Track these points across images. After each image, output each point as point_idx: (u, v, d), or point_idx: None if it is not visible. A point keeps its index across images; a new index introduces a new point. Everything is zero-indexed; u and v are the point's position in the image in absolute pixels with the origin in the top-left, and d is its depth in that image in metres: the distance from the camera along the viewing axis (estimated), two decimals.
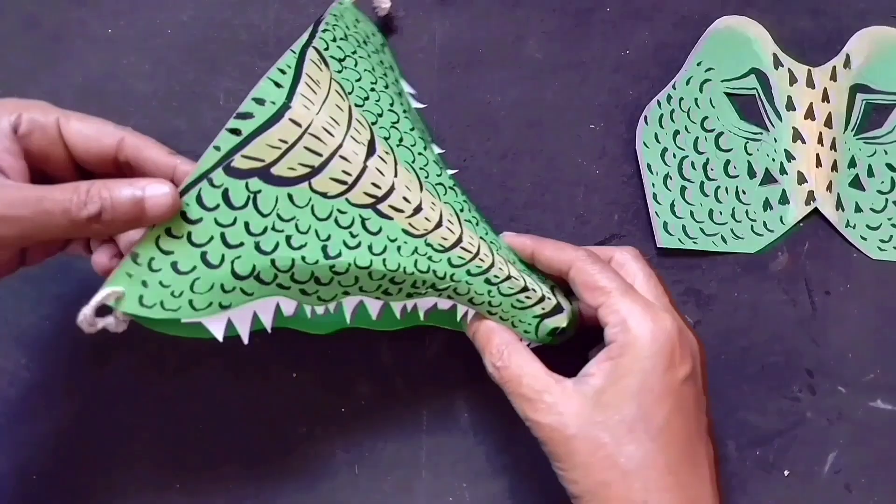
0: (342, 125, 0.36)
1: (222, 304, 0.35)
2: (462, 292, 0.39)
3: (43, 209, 0.31)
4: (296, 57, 0.37)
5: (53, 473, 0.45)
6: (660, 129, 0.48)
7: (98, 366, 0.45)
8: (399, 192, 0.37)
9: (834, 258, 0.48)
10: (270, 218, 0.35)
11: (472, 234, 0.39)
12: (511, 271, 0.39)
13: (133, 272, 0.34)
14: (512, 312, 0.40)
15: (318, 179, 0.35)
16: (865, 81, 0.49)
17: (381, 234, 0.37)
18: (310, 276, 0.36)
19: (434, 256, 0.38)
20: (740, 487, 0.46)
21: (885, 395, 0.47)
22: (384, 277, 0.37)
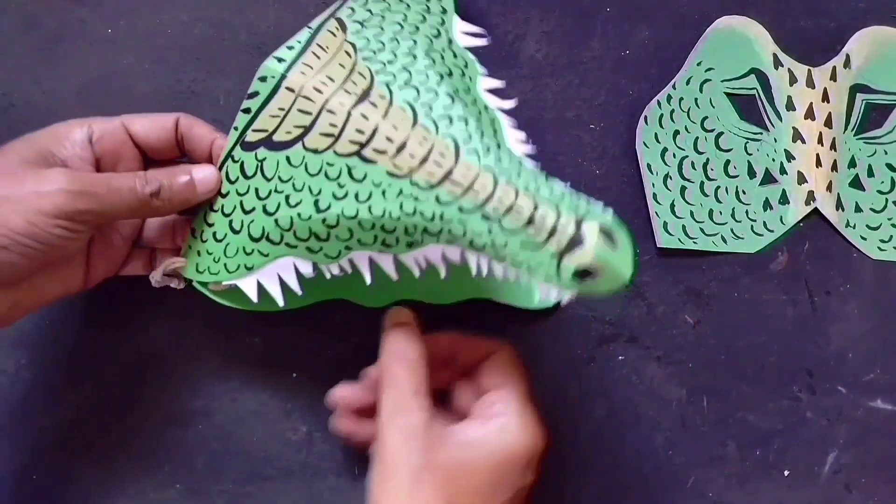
0: (337, 81, 0.37)
1: (247, 265, 0.39)
2: (457, 234, 0.34)
3: (113, 186, 0.36)
4: (310, 32, 0.39)
5: (53, 473, 0.45)
6: (660, 129, 0.48)
7: (98, 366, 0.45)
8: (382, 133, 0.35)
9: (834, 258, 0.48)
10: (273, 181, 0.38)
11: (470, 165, 0.34)
12: (518, 200, 0.33)
13: (192, 244, 0.40)
14: (522, 254, 0.33)
15: (309, 137, 0.37)
16: (865, 81, 0.49)
17: (366, 180, 0.36)
18: (309, 233, 0.37)
19: (420, 195, 0.34)
20: (740, 487, 0.46)
21: (885, 395, 0.47)
22: (374, 226, 0.36)
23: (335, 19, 0.40)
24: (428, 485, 0.35)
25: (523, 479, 0.37)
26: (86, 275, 0.40)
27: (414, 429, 0.36)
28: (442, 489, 0.35)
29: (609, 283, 0.32)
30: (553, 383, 0.46)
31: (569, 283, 0.32)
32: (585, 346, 0.47)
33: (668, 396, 0.47)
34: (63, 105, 0.47)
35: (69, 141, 0.38)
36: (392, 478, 0.35)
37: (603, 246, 0.31)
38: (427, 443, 0.35)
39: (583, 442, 0.46)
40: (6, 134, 0.46)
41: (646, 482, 0.46)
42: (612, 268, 0.31)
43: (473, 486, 0.35)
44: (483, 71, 0.40)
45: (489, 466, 0.36)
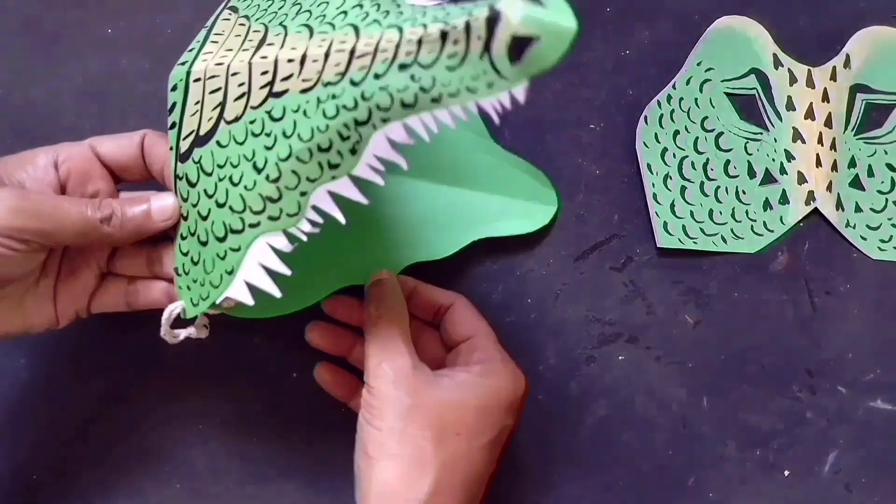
0: (235, 48, 0.35)
1: (226, 270, 0.36)
2: (385, 105, 0.31)
3: (61, 208, 0.36)
4: (207, 29, 0.38)
5: (53, 473, 0.45)
6: (660, 129, 0.48)
7: (98, 366, 0.45)
8: (283, 60, 0.33)
9: (834, 258, 0.48)
10: (214, 173, 0.35)
11: (373, 34, 0.31)
12: (429, 29, 0.29)
13: (181, 283, 0.38)
14: (456, 77, 0.29)
15: (227, 111, 0.35)
16: (865, 81, 0.49)
17: (286, 114, 0.33)
18: (262, 201, 0.34)
19: (335, 92, 0.32)
20: (740, 487, 0.46)
21: (885, 395, 0.47)
22: (312, 153, 0.33)
23: (228, 8, 0.38)
24: (416, 424, 0.36)
25: (505, 421, 0.38)
26: (55, 308, 0.39)
27: (400, 372, 0.37)
28: (430, 427, 0.36)
29: (556, 45, 0.27)
30: (553, 383, 0.46)
31: (514, 73, 0.28)
32: (585, 346, 0.47)
33: (668, 396, 0.47)
34: (63, 105, 0.47)
35: (31, 165, 0.38)
36: (381, 419, 0.36)
37: (524, 5, 0.27)
38: (414, 385, 0.37)
39: (583, 442, 0.46)
40: (6, 134, 0.46)
41: (646, 482, 0.46)
42: (550, 26, 0.27)
43: (460, 424, 0.37)
44: None
45: (475, 405, 0.37)
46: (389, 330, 0.38)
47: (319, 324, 0.43)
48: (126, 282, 0.41)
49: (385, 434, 0.36)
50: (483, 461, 0.38)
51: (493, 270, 0.47)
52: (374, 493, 0.36)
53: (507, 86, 0.29)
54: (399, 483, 0.36)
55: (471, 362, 0.39)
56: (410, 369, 0.37)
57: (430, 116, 0.31)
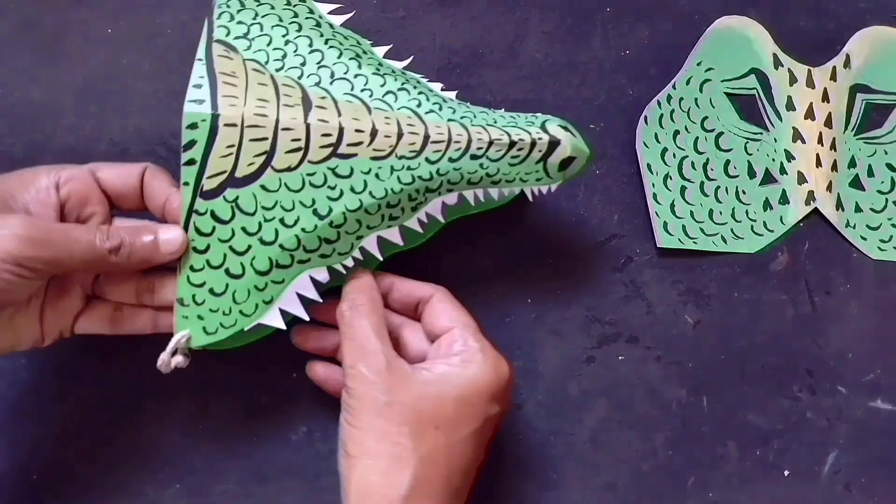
0: (272, 100, 0.38)
1: (264, 300, 0.39)
2: (455, 180, 0.39)
3: (71, 237, 0.36)
4: (203, 63, 0.38)
5: (53, 473, 0.45)
6: (660, 129, 0.48)
7: (98, 366, 0.45)
8: (349, 129, 0.38)
9: (834, 258, 0.48)
10: (258, 213, 0.38)
11: (439, 123, 0.39)
12: (492, 135, 0.39)
13: (187, 313, 0.39)
14: (514, 171, 0.40)
15: (276, 160, 0.38)
16: (865, 81, 0.49)
17: (353, 174, 0.38)
18: (319, 242, 0.39)
19: (411, 164, 0.39)
20: (740, 487, 0.46)
21: (885, 395, 0.47)
22: (380, 207, 0.39)
23: (217, 43, 0.39)
24: (395, 421, 0.36)
25: (489, 411, 0.38)
26: (41, 327, 0.39)
27: (376, 370, 0.37)
28: (407, 423, 0.36)
29: (581, 164, 0.41)
30: (553, 383, 0.46)
31: (557, 176, 0.41)
32: (585, 346, 0.47)
33: (668, 396, 0.47)
34: (63, 105, 0.47)
35: (34, 186, 0.38)
36: (358, 418, 0.37)
37: (570, 137, 0.40)
38: (390, 382, 0.37)
39: (583, 442, 0.46)
40: (6, 134, 0.46)
41: (646, 482, 0.46)
42: (581, 149, 0.40)
43: (439, 417, 0.37)
44: (370, 42, 0.43)
45: (454, 398, 0.37)
46: (362, 328, 0.38)
47: (303, 326, 0.43)
48: (111, 306, 0.41)
49: (363, 433, 0.36)
50: (466, 453, 0.38)
51: (493, 270, 0.47)
52: (354, 492, 0.36)
53: (551, 182, 0.41)
54: (379, 481, 0.36)
55: (450, 353, 0.39)
56: (385, 367, 0.37)
57: (482, 191, 0.41)
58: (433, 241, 0.44)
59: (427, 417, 0.37)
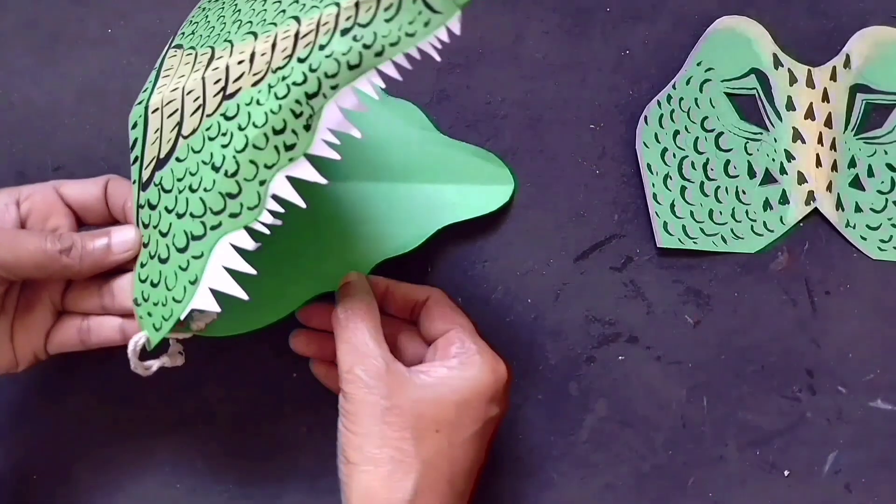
0: (187, 74, 0.37)
1: (190, 280, 0.36)
2: (332, 71, 0.32)
3: (19, 240, 0.36)
4: (155, 70, 0.39)
5: (53, 473, 0.45)
6: (660, 129, 0.48)
7: (98, 366, 0.45)
8: (233, 64, 0.35)
9: (834, 258, 0.48)
10: (174, 188, 0.36)
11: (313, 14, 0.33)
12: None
13: (141, 312, 0.37)
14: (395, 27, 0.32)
15: (184, 127, 0.36)
16: (865, 81, 0.49)
17: (240, 110, 0.34)
18: (222, 200, 0.35)
19: (285, 73, 0.33)
20: (740, 487, 0.46)
21: (885, 395, 0.47)
22: (267, 138, 0.33)
23: (172, 48, 0.40)
24: (395, 426, 0.36)
25: (488, 412, 0.38)
26: (13, 348, 0.39)
27: (374, 374, 0.37)
28: (407, 428, 0.36)
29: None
30: (553, 383, 0.46)
31: (446, 5, 0.31)
32: (585, 346, 0.47)
33: (668, 396, 0.47)
34: (63, 105, 0.47)
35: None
36: (358, 424, 0.36)
37: None
38: (389, 386, 0.36)
39: (583, 442, 0.46)
40: (6, 134, 0.46)
41: (646, 482, 0.46)
42: None
43: (440, 420, 0.37)
44: None
45: (453, 401, 0.37)
46: (359, 332, 0.38)
47: (302, 331, 0.43)
48: (79, 319, 0.40)
49: (363, 438, 0.36)
50: (467, 455, 0.38)
51: (493, 270, 0.47)
52: (356, 499, 0.36)
53: (443, 20, 0.31)
54: (381, 487, 0.35)
55: (448, 356, 0.39)
56: (384, 370, 0.37)
57: (375, 74, 0.32)
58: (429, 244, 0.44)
59: (428, 421, 0.36)
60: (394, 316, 0.42)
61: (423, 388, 0.37)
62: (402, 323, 0.42)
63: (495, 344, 0.40)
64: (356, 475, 0.36)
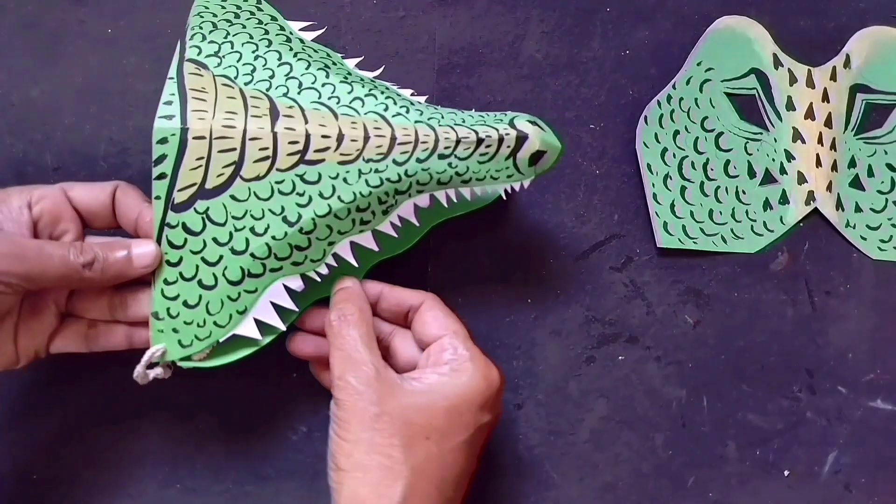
0: (240, 112, 0.38)
1: (238, 310, 0.39)
2: (424, 181, 0.39)
3: (45, 252, 0.36)
4: (175, 81, 0.39)
5: (53, 473, 0.45)
6: (660, 129, 0.48)
7: (98, 366, 0.45)
8: (316, 135, 0.38)
9: (834, 258, 0.48)
10: (228, 224, 0.38)
11: (406, 126, 0.39)
12: (460, 133, 0.39)
13: (162, 327, 0.39)
14: (483, 169, 0.40)
15: (244, 170, 0.38)
16: (865, 81, 0.49)
17: (322, 179, 0.38)
18: (289, 249, 0.39)
19: (379, 167, 0.39)
20: (740, 487, 0.46)
21: (885, 395, 0.47)
22: (349, 212, 0.39)
23: (188, 62, 0.40)
24: (385, 432, 0.36)
25: (479, 419, 0.38)
26: (15, 348, 0.39)
27: (365, 381, 0.37)
28: (398, 434, 0.36)
29: (552, 158, 0.41)
30: (553, 383, 0.46)
31: (528, 171, 0.40)
32: (585, 346, 0.47)
33: (668, 396, 0.47)
34: (63, 105, 0.47)
35: (6, 206, 0.38)
36: (348, 430, 0.36)
37: (538, 131, 0.40)
38: (380, 392, 0.36)
39: (583, 442, 0.46)
40: (6, 134, 0.46)
41: (646, 482, 0.46)
42: (551, 143, 0.40)
43: (430, 427, 0.37)
44: (341, 55, 0.44)
45: (444, 408, 0.37)
46: (351, 339, 0.38)
47: (298, 333, 0.43)
48: (85, 324, 0.41)
49: (353, 445, 0.36)
50: (458, 462, 0.37)
51: (493, 271, 0.47)
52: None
53: (522, 178, 0.41)
54: (370, 494, 0.35)
55: (440, 362, 0.39)
56: (374, 378, 0.37)
57: (454, 191, 0.40)
58: (427, 243, 0.44)
59: (417, 428, 0.36)
60: (388, 320, 0.42)
61: (413, 395, 0.37)
62: (395, 327, 0.42)
63: (495, 344, 0.40)
64: (345, 481, 0.36)
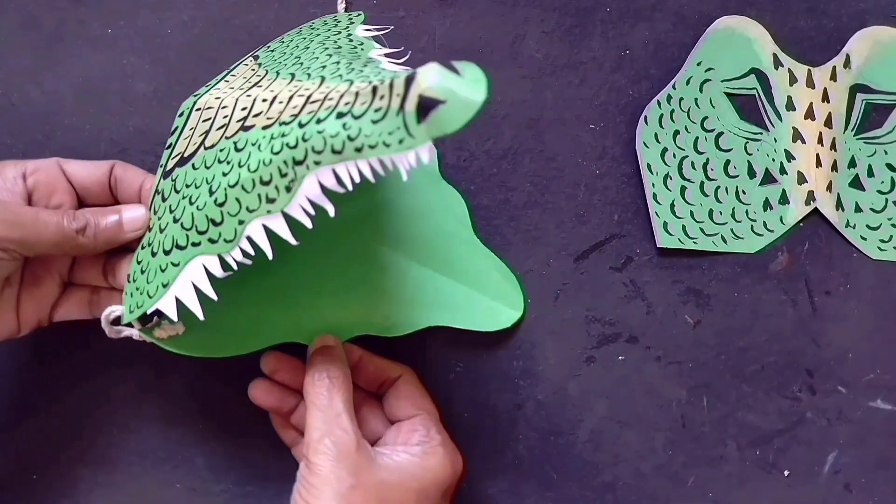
0: (236, 88, 0.38)
1: (163, 283, 0.37)
2: (319, 147, 0.33)
3: (40, 219, 0.37)
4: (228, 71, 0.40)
5: (53, 473, 0.45)
6: (660, 129, 0.48)
7: (98, 366, 0.45)
8: (259, 99, 0.36)
9: (834, 258, 0.48)
10: (182, 191, 0.37)
11: (329, 85, 0.35)
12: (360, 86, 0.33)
13: (128, 289, 0.39)
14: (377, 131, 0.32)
15: (209, 137, 0.37)
16: (865, 81, 0.49)
17: (245, 146, 0.36)
18: (207, 223, 0.36)
19: (285, 131, 0.34)
20: (740, 487, 0.46)
21: (885, 395, 0.47)
22: (254, 184, 0.35)
23: (252, 56, 0.40)
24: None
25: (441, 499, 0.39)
26: (17, 317, 0.39)
27: (344, 449, 0.36)
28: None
29: (460, 112, 0.30)
30: (553, 383, 0.46)
31: (419, 132, 0.30)
32: (585, 346, 0.47)
33: (668, 396, 0.47)
34: (63, 105, 0.47)
35: (0, 177, 0.39)
36: (318, 498, 0.35)
37: (442, 74, 0.30)
38: (356, 464, 0.36)
39: (583, 442, 0.46)
40: (6, 134, 0.46)
41: (646, 482, 0.46)
42: (456, 94, 0.29)
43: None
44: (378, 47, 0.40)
45: (415, 489, 0.37)
46: (333, 402, 0.38)
47: (263, 381, 0.42)
48: (88, 291, 0.41)
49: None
50: None
51: None
52: None
53: (415, 144, 0.31)
54: None
55: (410, 442, 0.39)
56: (354, 447, 0.36)
57: (353, 166, 0.33)
58: None
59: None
60: (360, 386, 0.42)
61: (388, 472, 0.37)
62: (366, 395, 0.42)
63: (495, 344, 0.40)
64: None
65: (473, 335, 0.45)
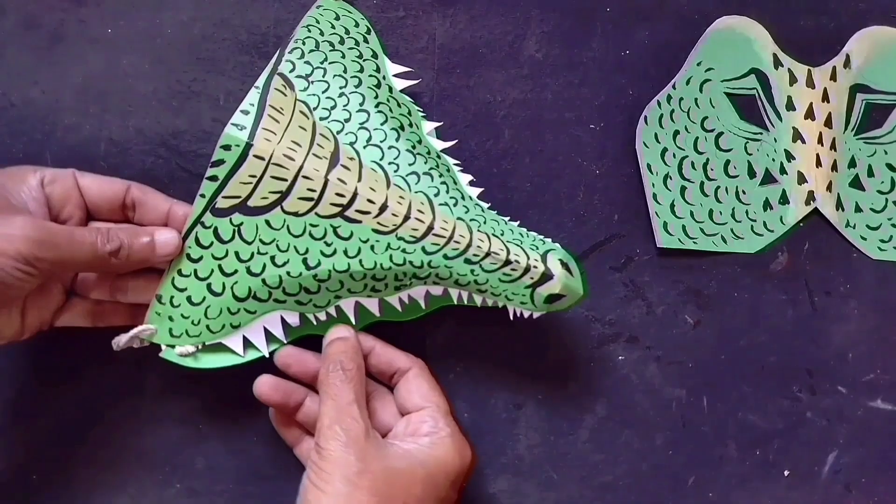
0: (304, 146, 0.39)
1: (233, 324, 0.41)
2: (444, 276, 0.40)
3: (75, 239, 0.37)
4: (259, 92, 0.39)
5: (53, 473, 0.45)
6: (660, 129, 0.48)
7: (98, 366, 0.45)
8: (363, 196, 0.39)
9: (834, 258, 0.48)
10: (255, 244, 0.39)
11: (447, 218, 0.40)
12: (493, 246, 0.39)
13: (160, 311, 0.40)
14: (502, 287, 0.40)
15: (288, 202, 0.39)
16: (865, 81, 0.49)
17: (352, 238, 0.39)
18: (299, 289, 0.40)
19: (407, 248, 0.39)
20: (740, 487, 0.46)
21: (885, 395, 0.47)
22: (365, 277, 0.40)
23: (279, 75, 0.40)
24: (366, 490, 0.36)
25: (448, 495, 0.39)
26: (22, 322, 0.40)
27: (353, 436, 0.37)
28: (378, 494, 0.36)
29: (570, 302, 0.41)
30: (553, 383, 0.46)
31: (541, 307, 0.40)
32: (585, 346, 0.47)
33: (668, 396, 0.47)
34: (63, 105, 0.47)
35: (25, 185, 0.39)
36: (329, 482, 0.36)
37: (565, 275, 0.39)
38: (365, 450, 0.37)
39: (583, 442, 0.46)
40: (6, 134, 0.46)
41: (646, 482, 0.46)
42: (573, 290, 0.40)
43: (407, 493, 0.37)
44: (422, 113, 0.44)
45: (422, 476, 0.38)
46: (346, 392, 0.38)
47: (270, 377, 0.42)
48: (91, 302, 0.42)
49: (330, 498, 0.36)
50: None
51: None
52: None
53: (534, 310, 0.41)
54: None
55: (419, 433, 0.39)
56: (363, 435, 0.37)
57: (467, 293, 0.41)
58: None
59: (397, 491, 0.37)
60: (371, 376, 0.43)
61: (395, 458, 0.38)
62: (377, 386, 0.43)
63: (495, 345, 0.40)
64: None
65: (473, 335, 0.45)
